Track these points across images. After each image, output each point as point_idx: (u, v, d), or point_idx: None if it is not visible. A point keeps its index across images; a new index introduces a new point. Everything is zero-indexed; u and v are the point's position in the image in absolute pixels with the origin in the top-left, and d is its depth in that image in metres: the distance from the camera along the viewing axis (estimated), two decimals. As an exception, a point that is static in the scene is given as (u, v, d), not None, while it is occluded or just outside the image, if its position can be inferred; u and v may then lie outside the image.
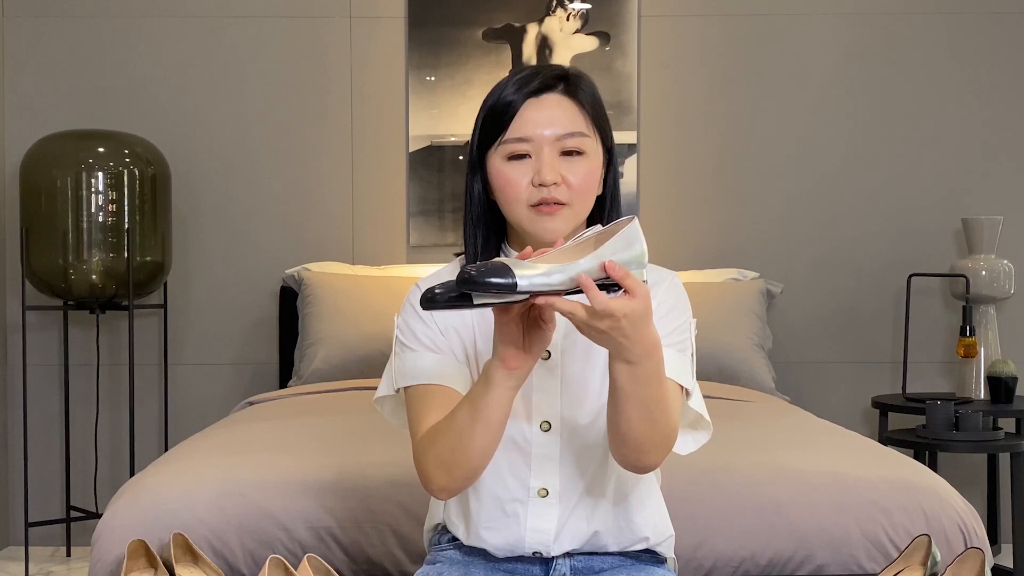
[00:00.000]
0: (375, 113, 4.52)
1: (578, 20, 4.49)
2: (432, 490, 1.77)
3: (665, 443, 1.71)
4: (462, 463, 1.72)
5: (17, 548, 4.38)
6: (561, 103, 1.81)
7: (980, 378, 4.29)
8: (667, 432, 1.70)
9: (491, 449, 1.72)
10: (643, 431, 1.67)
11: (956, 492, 2.57)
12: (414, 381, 1.82)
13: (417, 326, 1.84)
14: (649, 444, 1.69)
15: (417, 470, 1.78)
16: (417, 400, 1.81)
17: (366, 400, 3.15)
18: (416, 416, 1.80)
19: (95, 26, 4.48)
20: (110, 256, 4.05)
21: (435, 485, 1.75)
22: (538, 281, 1.52)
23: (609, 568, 1.89)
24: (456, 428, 1.71)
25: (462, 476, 1.74)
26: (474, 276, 1.50)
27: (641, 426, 1.67)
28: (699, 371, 4.17)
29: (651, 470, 1.75)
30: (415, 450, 1.78)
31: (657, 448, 1.70)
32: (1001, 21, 4.53)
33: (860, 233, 4.53)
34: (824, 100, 4.54)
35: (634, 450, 1.70)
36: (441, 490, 1.76)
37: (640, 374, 1.62)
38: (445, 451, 1.72)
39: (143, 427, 4.43)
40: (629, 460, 1.73)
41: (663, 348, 1.72)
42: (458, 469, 1.72)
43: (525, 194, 1.80)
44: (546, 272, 1.53)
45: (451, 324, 1.84)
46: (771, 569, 2.45)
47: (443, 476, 1.74)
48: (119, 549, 2.35)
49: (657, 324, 1.76)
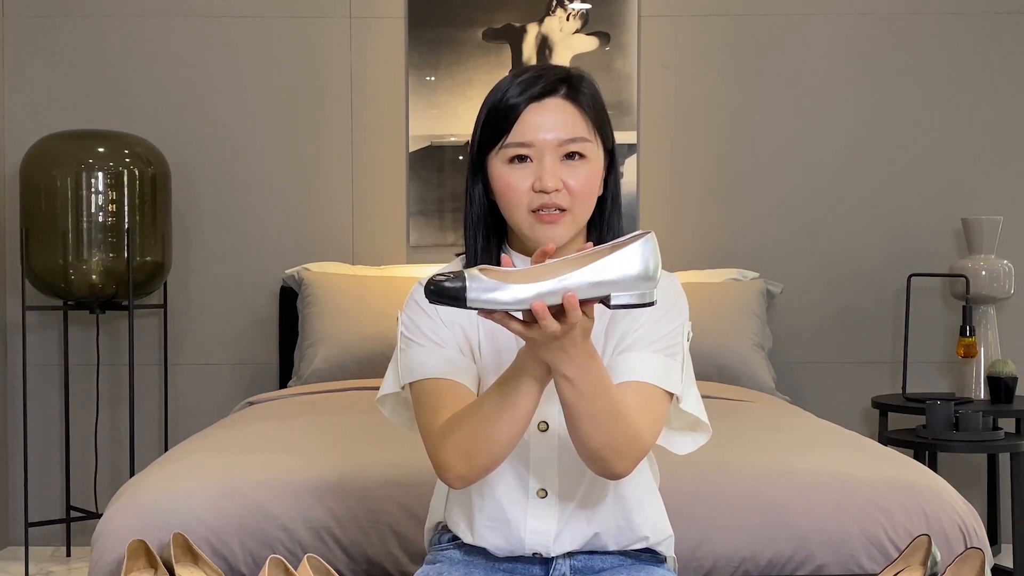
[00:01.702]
0: (375, 113, 4.52)
1: (578, 20, 4.49)
2: (448, 478, 1.76)
3: (630, 451, 1.71)
4: (484, 451, 1.72)
5: (17, 548, 4.38)
6: (563, 107, 1.81)
7: (980, 378, 4.29)
8: (628, 441, 1.70)
9: (515, 440, 1.72)
10: (600, 441, 1.69)
11: (956, 492, 2.57)
12: (422, 376, 1.82)
13: (422, 321, 1.85)
14: (611, 453, 1.70)
15: (433, 460, 1.77)
16: (427, 394, 1.81)
17: (366, 400, 3.15)
18: (429, 409, 1.80)
19: (95, 26, 4.48)
20: (110, 256, 4.05)
21: (452, 473, 1.75)
22: (487, 297, 1.55)
23: (609, 568, 1.89)
24: (482, 416, 1.71)
25: (481, 465, 1.73)
26: (432, 289, 1.56)
27: (597, 436, 1.68)
28: (699, 371, 4.17)
29: (623, 476, 1.75)
30: (431, 440, 1.78)
31: (622, 456, 1.71)
32: (1001, 21, 4.53)
33: (860, 233, 4.53)
34: (824, 100, 4.54)
35: (598, 460, 1.72)
36: (458, 478, 1.75)
37: (582, 387, 1.64)
38: (468, 439, 1.72)
39: (143, 427, 4.43)
40: (597, 468, 1.75)
41: (644, 351, 1.76)
42: (479, 457, 1.72)
43: (526, 199, 1.80)
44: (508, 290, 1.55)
45: (456, 320, 1.85)
46: (771, 569, 2.45)
47: (462, 464, 1.73)
48: (119, 549, 2.35)
49: (650, 327, 1.77)
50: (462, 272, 1.56)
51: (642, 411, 1.73)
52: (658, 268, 1.59)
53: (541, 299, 1.56)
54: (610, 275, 1.57)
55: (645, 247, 1.58)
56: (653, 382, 1.76)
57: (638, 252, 1.58)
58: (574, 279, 1.57)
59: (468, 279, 1.55)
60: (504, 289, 1.56)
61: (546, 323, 1.55)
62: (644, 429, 1.73)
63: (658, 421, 1.77)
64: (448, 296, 1.55)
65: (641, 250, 1.58)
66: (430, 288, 1.56)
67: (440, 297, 1.56)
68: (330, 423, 3.09)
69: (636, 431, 1.71)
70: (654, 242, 1.59)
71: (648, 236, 1.59)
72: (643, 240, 1.59)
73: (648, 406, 1.75)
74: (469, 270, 1.57)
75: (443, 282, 1.56)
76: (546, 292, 1.56)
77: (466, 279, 1.55)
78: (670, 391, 1.78)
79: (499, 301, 1.56)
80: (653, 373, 1.76)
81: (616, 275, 1.58)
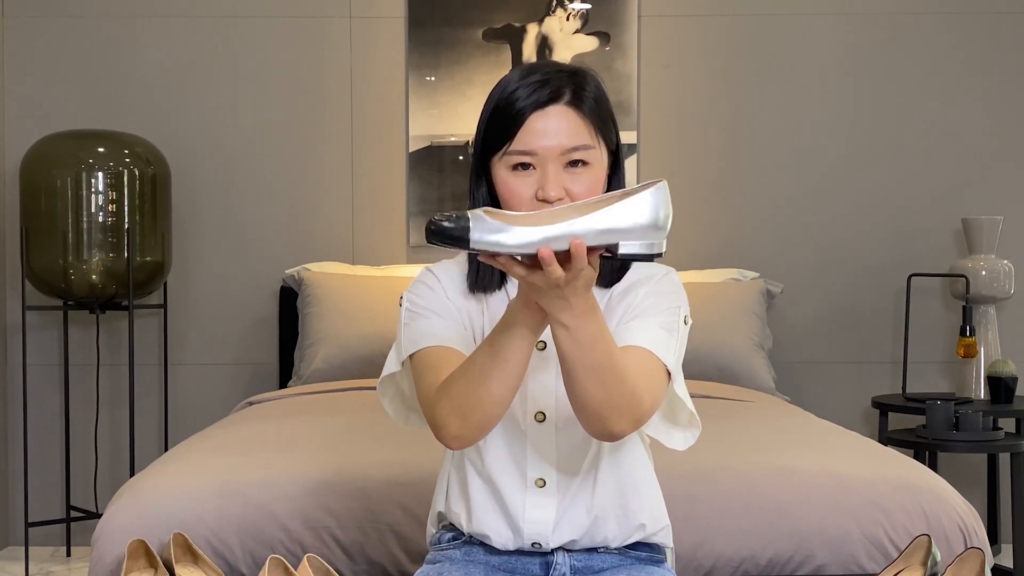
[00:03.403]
0: (375, 113, 4.52)
1: (578, 20, 4.49)
2: (444, 438, 1.76)
3: (628, 410, 1.69)
4: (476, 408, 1.71)
5: (17, 548, 4.38)
6: (566, 114, 1.81)
7: (980, 378, 4.29)
8: (626, 397, 1.68)
9: (507, 397, 1.71)
10: (598, 396, 1.67)
11: (956, 492, 2.57)
12: (424, 344, 1.82)
13: (426, 294, 1.86)
14: (609, 410, 1.68)
15: (429, 422, 1.77)
16: (428, 360, 1.81)
17: (366, 400, 3.15)
18: (429, 374, 1.80)
19: (95, 26, 4.48)
20: (110, 256, 4.05)
21: (448, 432, 1.74)
22: (491, 239, 1.50)
23: (609, 568, 1.89)
24: (473, 371, 1.70)
25: (475, 423, 1.73)
26: (432, 229, 1.50)
27: (595, 391, 1.67)
28: (699, 371, 4.16)
29: (620, 437, 1.73)
30: (427, 402, 1.77)
31: (620, 414, 1.69)
32: (1002, 21, 4.53)
33: (860, 233, 4.53)
34: (824, 100, 4.54)
35: (595, 417, 1.70)
36: (454, 438, 1.75)
37: (580, 337, 1.62)
38: (460, 395, 1.71)
39: (143, 427, 4.43)
40: (594, 428, 1.73)
41: (649, 320, 1.77)
42: (472, 414, 1.71)
43: (528, 207, 1.80)
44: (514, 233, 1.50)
45: (462, 305, 1.86)
46: (771, 569, 2.45)
47: (456, 422, 1.73)
48: (119, 549, 2.35)
49: (650, 298, 1.79)
50: (465, 213, 1.51)
51: (642, 374, 1.73)
52: (668, 218, 1.55)
53: (547, 244, 1.51)
54: (620, 223, 1.53)
55: (656, 195, 1.54)
56: (651, 349, 1.76)
57: (648, 200, 1.54)
58: (582, 224, 1.52)
59: (472, 219, 1.50)
60: (509, 231, 1.50)
61: (551, 269, 1.53)
62: (643, 390, 1.71)
63: (656, 388, 1.76)
64: (450, 236, 1.50)
65: (652, 198, 1.54)
66: (430, 228, 1.50)
67: (441, 237, 1.50)
68: (330, 423, 3.09)
69: (634, 388, 1.69)
70: (666, 191, 1.55)
71: (660, 184, 1.55)
72: (655, 188, 1.54)
73: (647, 371, 1.74)
74: (473, 211, 1.52)
75: (443, 222, 1.50)
76: (553, 237, 1.51)
77: (470, 219, 1.50)
78: (664, 362, 1.78)
79: (504, 244, 1.50)
80: (652, 340, 1.76)
81: (626, 223, 1.53)
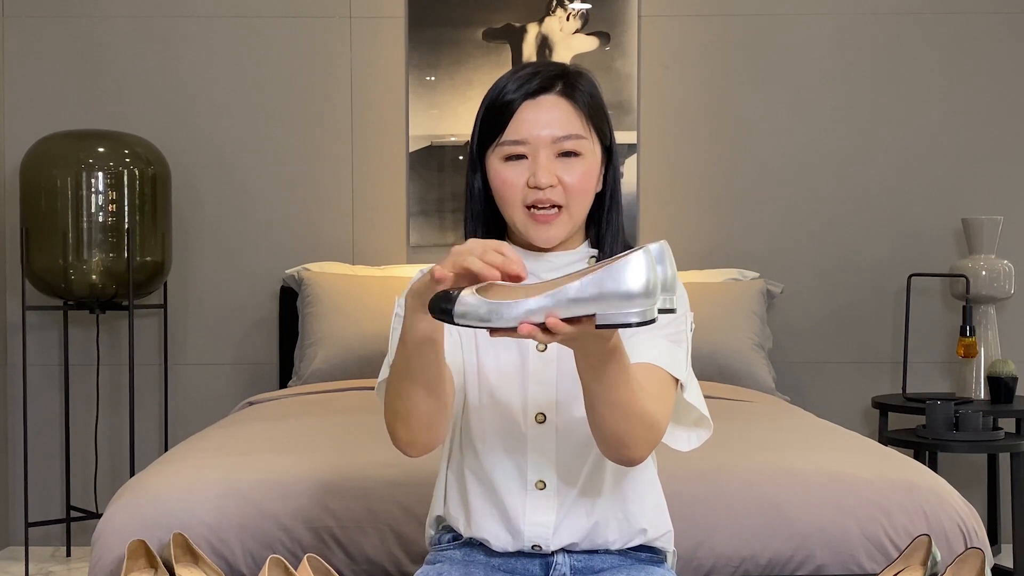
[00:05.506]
0: (375, 113, 4.52)
1: (578, 20, 4.49)
2: (400, 446, 1.76)
3: (648, 437, 1.70)
4: (411, 412, 1.70)
5: (17, 548, 4.38)
6: (558, 104, 1.82)
7: (980, 378, 4.29)
8: (648, 427, 1.69)
9: (431, 396, 1.69)
10: (620, 427, 1.67)
11: (956, 492, 2.57)
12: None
13: None
14: (630, 439, 1.69)
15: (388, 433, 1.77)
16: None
17: (366, 400, 3.15)
18: None
19: (95, 26, 4.48)
20: (110, 256, 4.05)
21: (400, 441, 1.75)
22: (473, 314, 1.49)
23: (609, 568, 1.89)
24: (394, 390, 1.71)
25: (419, 427, 1.72)
26: (430, 306, 1.51)
27: (616, 425, 1.67)
28: (699, 371, 4.17)
29: (638, 463, 1.74)
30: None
31: (639, 442, 1.70)
32: (1001, 21, 4.54)
33: (860, 233, 4.53)
34: (824, 100, 4.54)
35: (615, 445, 1.70)
36: (408, 445, 1.75)
37: (602, 376, 1.61)
38: (396, 400, 1.72)
39: (143, 427, 4.43)
40: (613, 454, 1.73)
41: (656, 333, 1.75)
42: (412, 419, 1.71)
43: (521, 195, 1.81)
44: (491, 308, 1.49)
45: None
46: (771, 569, 2.45)
47: (403, 429, 1.73)
48: (119, 549, 2.35)
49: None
50: (450, 293, 1.51)
51: (656, 396, 1.72)
52: (657, 284, 1.43)
53: (529, 317, 1.47)
54: (590, 292, 1.43)
55: (638, 259, 1.42)
56: (663, 366, 1.75)
57: (626, 267, 1.42)
58: (551, 299, 1.46)
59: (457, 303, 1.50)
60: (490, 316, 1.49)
61: (541, 339, 1.49)
62: (660, 415, 1.72)
63: (668, 406, 1.76)
64: (437, 312, 1.52)
65: (631, 263, 1.43)
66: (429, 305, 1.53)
67: (434, 314, 1.52)
68: (330, 423, 3.09)
69: (653, 420, 1.70)
70: (651, 255, 1.43)
71: (644, 249, 1.44)
72: (636, 253, 1.43)
73: (660, 393, 1.74)
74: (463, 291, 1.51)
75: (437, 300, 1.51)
76: (533, 310, 1.47)
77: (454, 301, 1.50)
78: (675, 376, 1.77)
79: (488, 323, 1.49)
80: (659, 356, 1.75)
81: (598, 291, 1.43)
